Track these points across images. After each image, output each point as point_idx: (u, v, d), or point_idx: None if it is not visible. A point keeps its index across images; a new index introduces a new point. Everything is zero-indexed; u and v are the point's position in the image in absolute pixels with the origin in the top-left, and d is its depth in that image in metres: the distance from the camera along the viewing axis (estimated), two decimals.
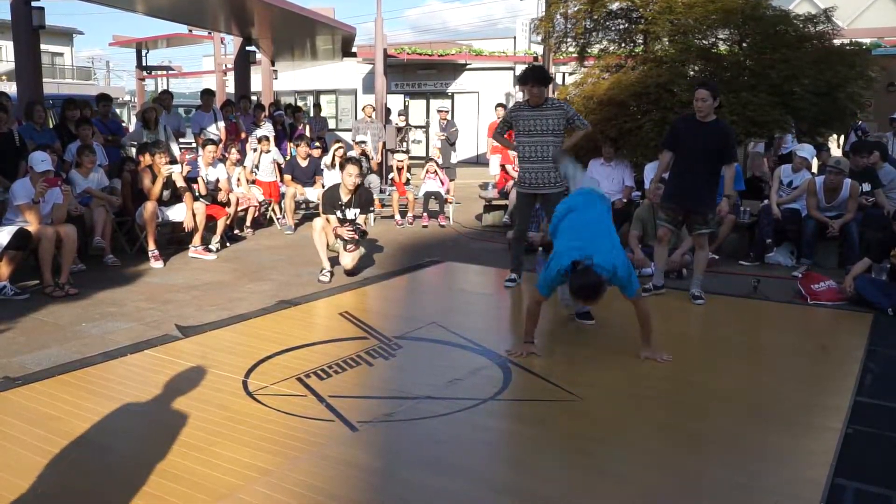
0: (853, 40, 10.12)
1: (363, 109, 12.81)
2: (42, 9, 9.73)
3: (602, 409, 3.89)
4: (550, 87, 14.46)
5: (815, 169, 9.84)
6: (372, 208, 7.22)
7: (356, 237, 6.62)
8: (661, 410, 3.90)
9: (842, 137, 12.17)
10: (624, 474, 3.16)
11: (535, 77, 6.19)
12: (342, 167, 6.84)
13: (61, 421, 3.56)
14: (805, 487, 3.02)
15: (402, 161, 10.82)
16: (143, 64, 27.45)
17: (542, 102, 6.21)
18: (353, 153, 10.75)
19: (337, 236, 6.63)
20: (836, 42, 9.19)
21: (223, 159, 9.16)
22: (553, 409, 3.90)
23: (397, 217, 10.43)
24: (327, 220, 6.64)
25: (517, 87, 22.78)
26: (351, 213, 6.65)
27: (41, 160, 6.12)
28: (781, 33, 8.90)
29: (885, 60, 12.94)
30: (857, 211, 7.39)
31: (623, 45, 10.19)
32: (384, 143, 13.25)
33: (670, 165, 6.20)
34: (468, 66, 23.56)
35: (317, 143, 10.64)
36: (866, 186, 7.63)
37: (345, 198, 6.66)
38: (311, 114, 14.84)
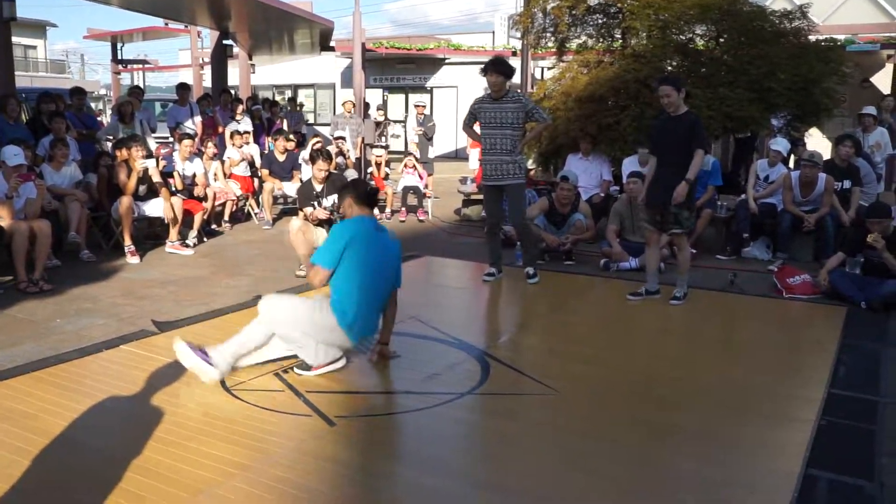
0: (828, 37, 10.24)
1: (343, 105, 12.74)
2: (13, 0, 9.58)
3: (579, 403, 3.91)
4: (529, 81, 14.53)
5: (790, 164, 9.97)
6: None
7: (332, 217, 6.60)
8: (637, 404, 3.93)
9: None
10: (600, 468, 3.17)
11: (493, 67, 6.25)
12: (312, 161, 6.84)
13: (36, 418, 3.52)
14: (779, 479, 3.05)
15: (380, 156, 10.80)
16: (119, 57, 27.15)
17: (503, 95, 6.28)
18: (332, 149, 10.70)
19: (315, 222, 6.58)
20: (812, 38, 9.29)
21: (199, 154, 9.09)
22: (530, 402, 3.92)
23: (375, 211, 10.41)
24: (305, 218, 6.61)
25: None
26: (328, 202, 6.63)
27: (14, 154, 6.05)
28: (758, 29, 8.99)
29: (859, 57, 13.12)
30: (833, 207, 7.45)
31: (602, 40, 10.23)
32: (363, 139, 13.21)
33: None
34: (447, 61, 23.55)
35: (291, 137, 10.58)
36: (847, 184, 7.66)
37: (318, 188, 6.66)
38: (288, 108, 14.75)
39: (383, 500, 2.95)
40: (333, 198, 6.68)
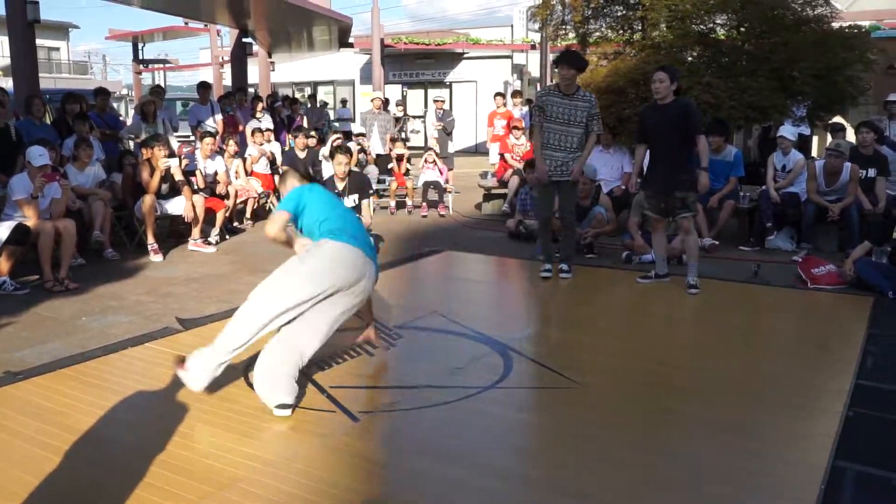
0: (852, 23, 10.09)
1: (372, 101, 12.72)
2: (37, 3, 9.68)
3: (603, 395, 3.89)
4: (548, 73, 14.45)
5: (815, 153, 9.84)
6: (371, 191, 7.20)
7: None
8: (662, 395, 3.90)
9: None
10: (626, 459, 3.16)
11: (566, 60, 6.12)
12: (332, 156, 6.86)
13: (63, 415, 3.56)
14: (806, 470, 3.02)
15: (402, 154, 10.83)
16: (140, 57, 27.44)
17: (573, 91, 6.16)
18: (353, 145, 10.73)
19: None
20: (835, 25, 9.16)
21: (221, 152, 9.14)
22: (554, 395, 3.90)
23: (392, 205, 10.47)
24: None
25: (517, 76, 22.83)
26: (349, 202, 6.63)
27: (39, 155, 6.11)
28: (780, 17, 8.89)
29: (884, 43, 12.90)
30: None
31: (621, 31, 10.17)
32: (391, 135, 13.17)
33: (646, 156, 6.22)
34: (466, 55, 23.51)
35: (312, 133, 10.63)
36: (871, 172, 7.55)
37: (340, 186, 6.66)
38: (308, 105, 14.79)
39: (407, 494, 2.95)
40: (355, 197, 6.69)
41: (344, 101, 21.40)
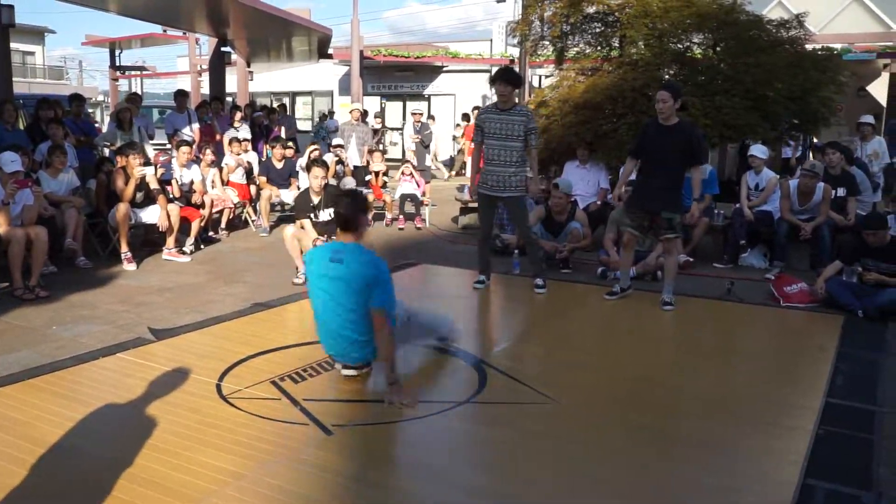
0: (824, 45, 10.28)
1: (350, 113, 12.66)
2: (11, 6, 9.61)
3: (577, 412, 3.90)
4: (526, 88, 14.53)
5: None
6: None
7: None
8: (636, 412, 3.92)
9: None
10: (599, 476, 3.17)
11: (502, 77, 6.24)
12: (308, 169, 6.85)
13: (30, 426, 3.50)
14: (776, 487, 3.05)
15: (379, 170, 10.82)
16: (117, 64, 27.21)
17: (510, 107, 6.25)
18: (330, 157, 10.70)
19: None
20: (808, 47, 9.32)
21: (197, 161, 9.08)
22: (528, 411, 3.90)
23: (368, 217, 10.43)
24: (301, 227, 6.59)
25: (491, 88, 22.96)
26: (325, 215, 6.60)
27: (11, 161, 6.04)
28: (755, 38, 9.01)
29: (855, 66, 13.17)
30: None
31: (599, 48, 10.26)
32: (368, 147, 13.14)
33: (634, 171, 6.27)
34: (445, 69, 23.58)
35: (289, 144, 10.60)
36: (841, 191, 7.67)
37: (315, 199, 6.63)
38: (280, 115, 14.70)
39: None
40: (330, 211, 6.65)
41: (331, 113, 21.40)
